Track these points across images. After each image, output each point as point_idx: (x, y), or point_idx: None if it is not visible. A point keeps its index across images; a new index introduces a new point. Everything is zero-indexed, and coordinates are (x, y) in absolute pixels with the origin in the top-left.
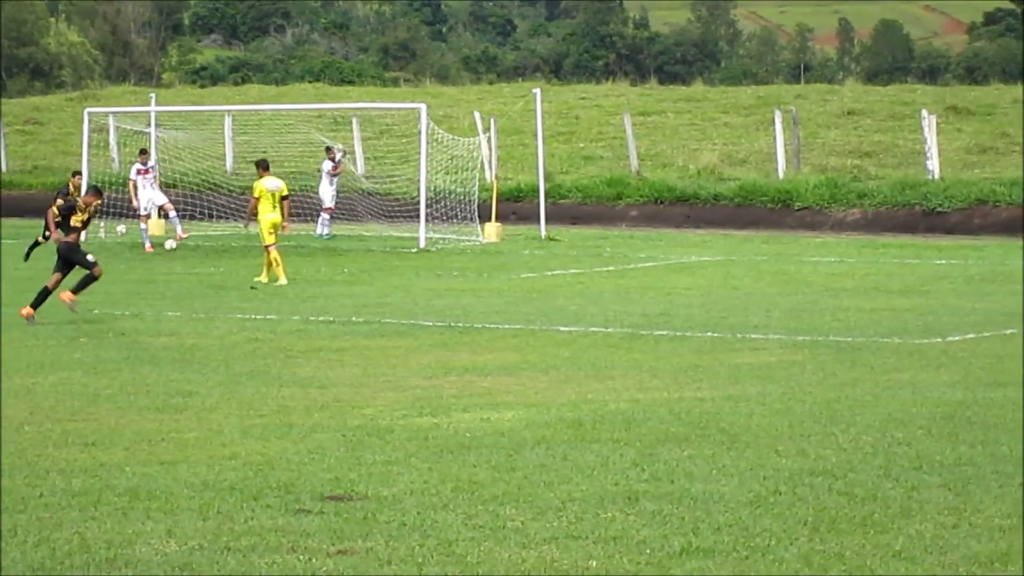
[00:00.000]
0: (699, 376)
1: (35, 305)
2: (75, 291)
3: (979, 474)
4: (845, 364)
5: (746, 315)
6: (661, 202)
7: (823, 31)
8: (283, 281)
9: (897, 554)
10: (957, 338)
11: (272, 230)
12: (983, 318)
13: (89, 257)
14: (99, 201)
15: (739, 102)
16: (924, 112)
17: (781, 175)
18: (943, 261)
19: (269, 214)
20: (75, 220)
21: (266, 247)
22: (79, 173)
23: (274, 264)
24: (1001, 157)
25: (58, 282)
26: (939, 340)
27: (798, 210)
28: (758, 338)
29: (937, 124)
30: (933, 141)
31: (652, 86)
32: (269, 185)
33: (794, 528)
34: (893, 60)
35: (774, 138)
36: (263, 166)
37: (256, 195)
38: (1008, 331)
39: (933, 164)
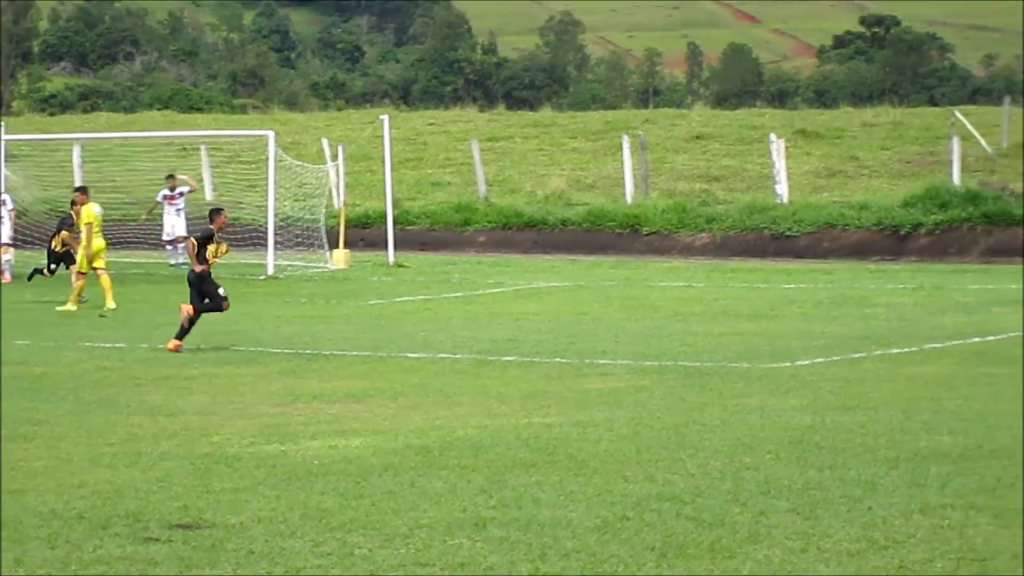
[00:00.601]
0: (547, 402)
1: (179, 337)
2: (178, 336)
3: (827, 498)
4: (693, 389)
5: (594, 340)
6: (509, 228)
7: (672, 55)
8: (111, 305)
9: None
10: (806, 362)
11: (100, 254)
12: (832, 342)
13: (220, 290)
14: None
15: (587, 127)
16: (773, 136)
17: (629, 200)
18: (792, 285)
19: (98, 239)
20: (210, 250)
21: (95, 272)
22: (81, 189)
23: (105, 288)
24: (850, 180)
25: (194, 311)
26: (788, 364)
27: (646, 235)
28: (606, 363)
29: (786, 148)
30: (782, 165)
31: (500, 111)
32: (96, 210)
33: (641, 554)
34: (742, 84)
35: (622, 163)
36: (84, 192)
37: (88, 221)
38: (857, 355)
39: (782, 188)
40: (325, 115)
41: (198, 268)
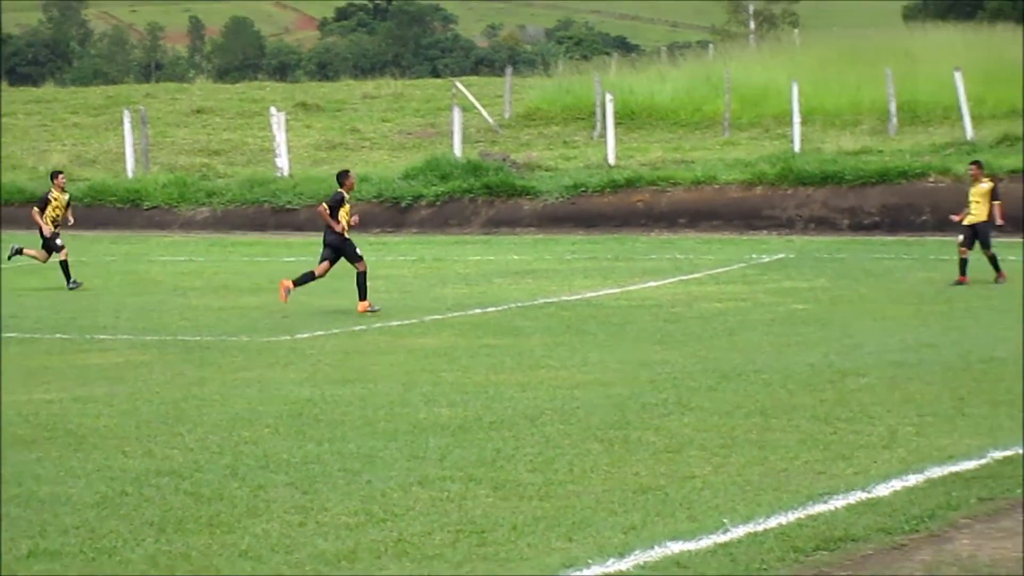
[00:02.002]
0: (48, 378)
1: (297, 283)
2: (363, 298)
3: (326, 472)
4: (193, 363)
5: (95, 316)
6: (11, 204)
7: (174, 29)
8: None
9: (244, 553)
10: (306, 335)
11: None
12: (333, 315)
13: (358, 250)
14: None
15: (89, 102)
16: (273, 109)
17: (131, 175)
18: (293, 259)
19: None
20: (343, 212)
21: None
22: (61, 173)
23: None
24: (351, 153)
25: (325, 271)
26: (288, 338)
27: (147, 209)
28: (106, 339)
29: (287, 121)
30: (282, 138)
31: (3, 88)
32: None
33: (140, 529)
34: (244, 58)
35: (123, 138)
36: None
37: None
38: (357, 328)
39: (282, 161)
40: None
41: (337, 228)
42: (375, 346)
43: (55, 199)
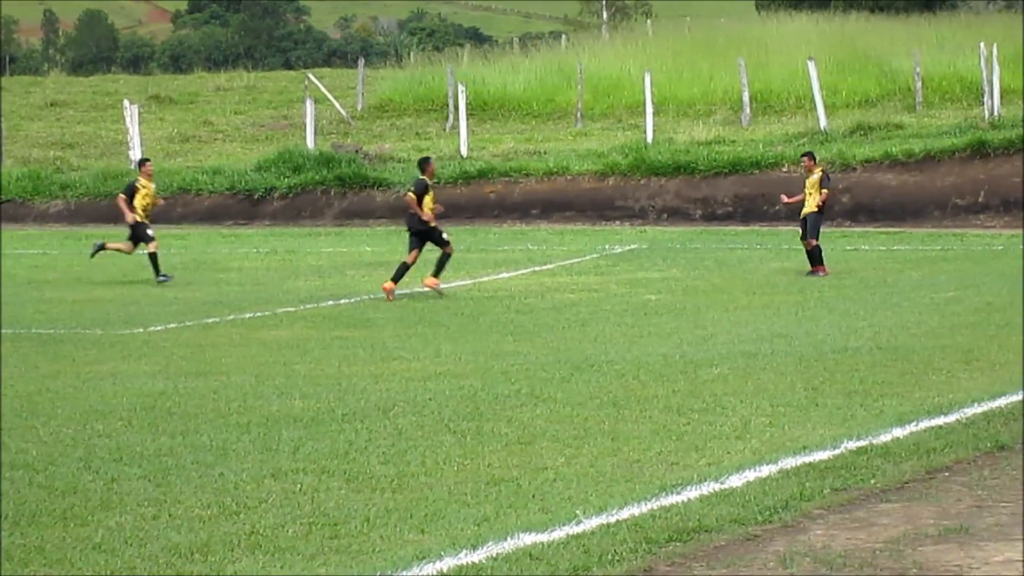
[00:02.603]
0: None
1: (395, 279)
2: (436, 275)
3: (179, 464)
4: (47, 356)
5: None
6: None
7: (28, 22)
8: None
9: (97, 547)
10: (159, 328)
11: None
12: (185, 307)
13: (444, 235)
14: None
15: None
16: (127, 102)
17: None
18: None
19: None
20: (428, 198)
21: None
22: (148, 160)
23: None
24: (204, 145)
25: (415, 259)
26: (141, 330)
27: (2, 203)
28: None
29: (140, 113)
30: (136, 131)
31: None
32: None
33: None
34: (98, 51)
35: None
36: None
37: None
38: (210, 320)
39: (136, 154)
40: None
41: (425, 216)
42: (228, 338)
43: (143, 187)
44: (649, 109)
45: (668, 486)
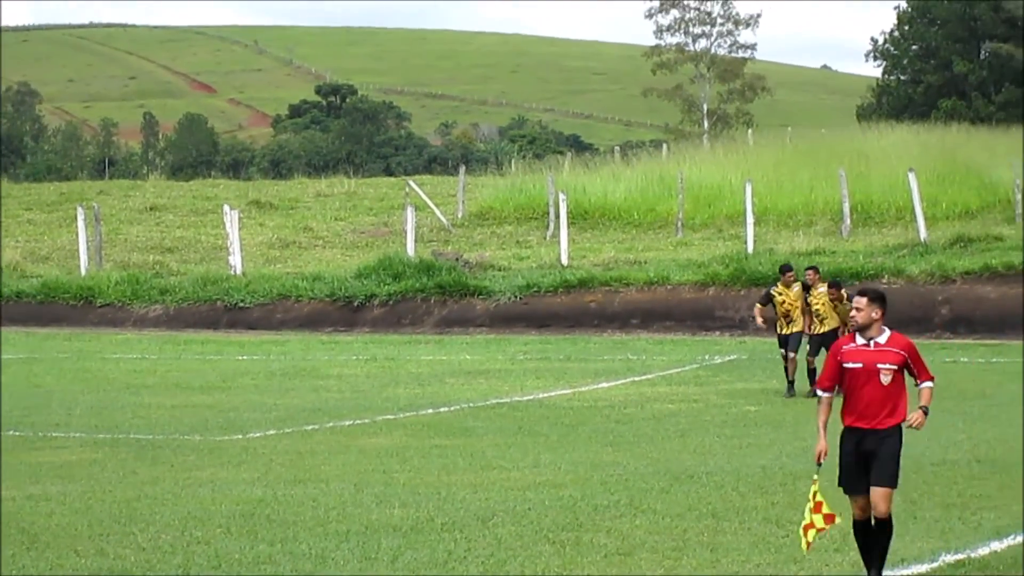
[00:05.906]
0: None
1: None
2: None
3: (277, 572)
4: (145, 462)
5: (48, 413)
6: None
7: (128, 126)
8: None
9: None
10: (258, 435)
11: None
12: (284, 414)
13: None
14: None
15: (42, 198)
16: (226, 207)
17: (84, 272)
18: (245, 357)
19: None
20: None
21: None
22: (790, 269)
23: None
24: (304, 251)
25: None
26: (240, 437)
27: (100, 307)
28: (59, 436)
29: (240, 218)
30: (235, 236)
31: None
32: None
33: None
34: (197, 154)
35: (76, 234)
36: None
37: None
38: (309, 427)
39: (235, 259)
40: None
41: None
42: (327, 446)
43: (779, 294)
44: (749, 219)
45: None
